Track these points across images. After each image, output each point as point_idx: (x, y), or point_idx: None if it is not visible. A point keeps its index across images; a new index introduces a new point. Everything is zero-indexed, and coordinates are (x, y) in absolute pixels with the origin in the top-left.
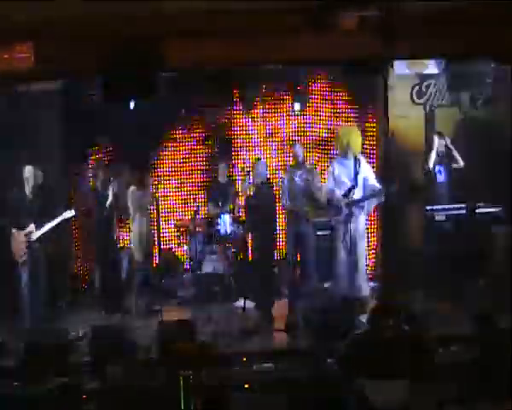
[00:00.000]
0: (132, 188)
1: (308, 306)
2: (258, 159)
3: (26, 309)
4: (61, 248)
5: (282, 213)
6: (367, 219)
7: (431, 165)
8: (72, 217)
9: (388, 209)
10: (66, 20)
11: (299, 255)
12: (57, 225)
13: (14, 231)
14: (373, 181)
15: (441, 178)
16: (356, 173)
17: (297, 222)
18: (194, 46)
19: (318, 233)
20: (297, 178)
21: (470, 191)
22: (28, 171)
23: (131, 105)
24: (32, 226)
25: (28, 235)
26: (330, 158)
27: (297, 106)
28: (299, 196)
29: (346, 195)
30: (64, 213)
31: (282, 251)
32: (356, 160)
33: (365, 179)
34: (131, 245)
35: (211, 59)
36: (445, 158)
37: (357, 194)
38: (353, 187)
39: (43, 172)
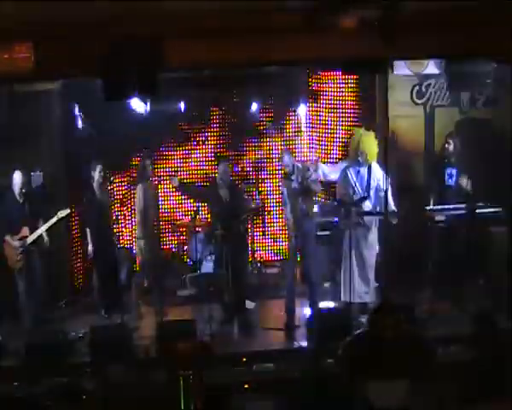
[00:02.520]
0: (139, 185)
1: (309, 306)
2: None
3: (26, 311)
4: (59, 248)
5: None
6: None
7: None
8: (67, 216)
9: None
10: (66, 20)
11: (300, 255)
12: (53, 226)
13: (6, 237)
14: (384, 188)
15: (451, 181)
16: (368, 184)
17: (299, 224)
18: (194, 46)
19: (319, 233)
20: (294, 184)
21: (470, 191)
22: (17, 175)
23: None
24: (25, 230)
25: (22, 239)
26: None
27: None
28: (300, 199)
29: (356, 204)
30: (58, 213)
31: (282, 251)
32: (369, 168)
33: (377, 190)
34: (138, 243)
35: (211, 59)
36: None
37: (368, 205)
38: (365, 198)
39: (40, 172)
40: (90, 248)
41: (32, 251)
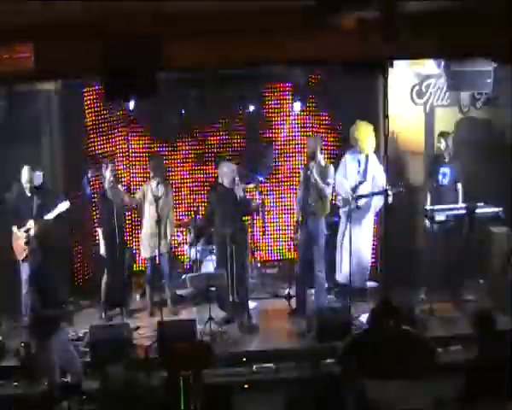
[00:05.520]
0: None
1: (313, 306)
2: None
3: (26, 308)
4: (60, 245)
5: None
6: (375, 217)
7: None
8: (67, 209)
9: (388, 209)
10: (67, 20)
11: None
12: (55, 221)
13: (14, 229)
14: (381, 180)
15: (445, 180)
16: (365, 170)
17: (309, 220)
18: (194, 46)
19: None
20: (309, 174)
21: (470, 191)
22: (25, 171)
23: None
24: (30, 223)
25: (28, 231)
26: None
27: (297, 106)
28: (312, 193)
29: (353, 189)
30: (59, 205)
31: (281, 251)
32: (366, 157)
33: (374, 177)
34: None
35: (211, 59)
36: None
37: (365, 190)
38: (361, 183)
39: (42, 170)
40: (101, 247)
41: (35, 242)
